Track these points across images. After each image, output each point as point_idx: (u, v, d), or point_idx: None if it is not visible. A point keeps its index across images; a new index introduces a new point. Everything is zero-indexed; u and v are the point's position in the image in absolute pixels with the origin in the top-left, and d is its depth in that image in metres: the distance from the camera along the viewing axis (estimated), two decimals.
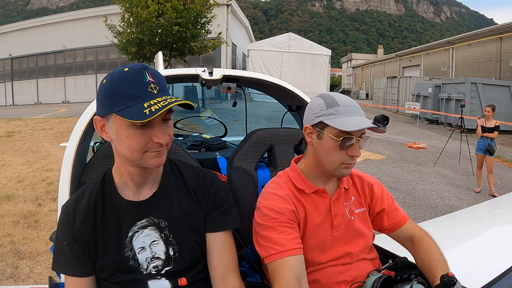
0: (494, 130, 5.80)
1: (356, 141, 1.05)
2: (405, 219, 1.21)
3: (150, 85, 0.87)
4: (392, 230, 1.20)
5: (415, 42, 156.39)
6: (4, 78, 26.42)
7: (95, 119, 0.92)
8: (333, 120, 1.05)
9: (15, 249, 3.20)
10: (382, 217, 1.19)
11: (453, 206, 5.05)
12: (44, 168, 5.92)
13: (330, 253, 1.10)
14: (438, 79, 17.38)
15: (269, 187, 1.14)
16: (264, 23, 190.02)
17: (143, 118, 0.82)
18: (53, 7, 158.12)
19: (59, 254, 0.95)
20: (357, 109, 1.07)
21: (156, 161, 0.91)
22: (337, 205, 1.13)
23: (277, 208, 1.06)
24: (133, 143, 0.87)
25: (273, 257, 1.00)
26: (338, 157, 1.06)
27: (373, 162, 7.48)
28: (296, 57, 17.05)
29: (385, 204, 1.20)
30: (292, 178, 1.15)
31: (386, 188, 1.26)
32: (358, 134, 1.05)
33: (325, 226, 1.11)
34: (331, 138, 1.05)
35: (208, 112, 4.02)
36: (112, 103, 0.86)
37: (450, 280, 0.90)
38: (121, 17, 12.35)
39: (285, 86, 1.68)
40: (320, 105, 1.09)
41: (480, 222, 1.89)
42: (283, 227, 1.04)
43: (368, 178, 1.24)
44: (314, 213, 1.11)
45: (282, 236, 1.02)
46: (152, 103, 0.84)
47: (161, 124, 0.89)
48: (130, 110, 0.84)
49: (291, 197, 1.10)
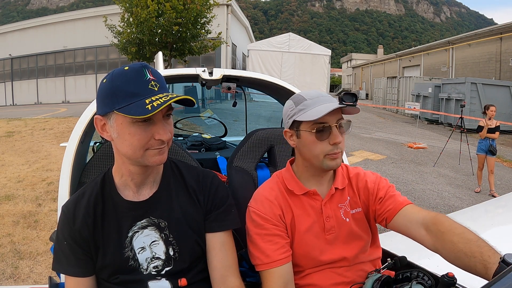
0: (495, 130, 5.80)
1: (334, 128, 1.04)
2: (403, 203, 1.04)
3: (150, 82, 0.88)
4: (389, 219, 1.04)
5: (415, 42, 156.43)
6: (4, 78, 26.42)
7: (95, 119, 0.92)
8: (303, 115, 1.05)
9: (15, 249, 3.20)
10: (380, 208, 1.09)
11: (453, 206, 5.05)
12: (44, 168, 5.92)
13: (325, 256, 1.08)
14: (438, 79, 17.37)
15: (261, 188, 1.16)
16: (264, 23, 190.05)
17: (145, 113, 0.82)
18: (53, 7, 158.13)
19: (59, 254, 0.95)
20: (323, 98, 1.06)
21: (158, 158, 0.91)
22: (329, 207, 1.10)
23: (263, 214, 1.07)
24: (134, 140, 0.87)
25: (260, 267, 1.04)
26: (320, 148, 1.04)
27: (373, 162, 7.49)
28: (296, 57, 17.04)
29: (381, 194, 1.10)
30: (285, 179, 1.14)
31: (385, 179, 1.16)
32: (334, 120, 1.04)
33: (317, 230, 1.09)
34: (307, 132, 1.05)
35: (208, 112, 4.02)
36: (113, 101, 0.86)
37: (450, 280, 0.90)
38: (121, 17, 12.35)
39: (285, 86, 1.68)
40: (290, 106, 1.10)
41: (480, 222, 1.89)
42: (270, 235, 1.05)
43: (364, 175, 1.16)
44: (302, 216, 1.09)
45: (268, 246, 1.04)
46: (154, 99, 0.85)
47: (162, 121, 0.90)
48: (132, 106, 0.84)
49: (279, 199, 1.10)
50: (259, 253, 1.05)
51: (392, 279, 1.03)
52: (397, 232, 1.05)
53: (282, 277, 1.02)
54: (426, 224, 0.95)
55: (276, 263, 1.02)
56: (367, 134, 11.25)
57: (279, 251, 1.04)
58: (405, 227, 1.01)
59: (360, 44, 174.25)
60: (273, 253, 1.03)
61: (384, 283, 1.01)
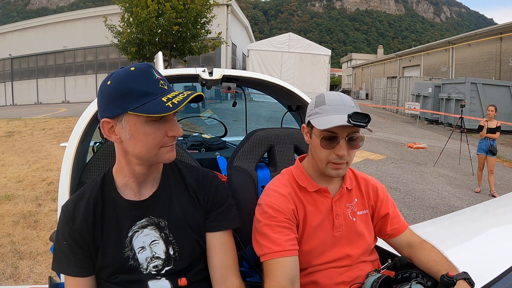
0: (496, 130, 5.80)
1: (342, 140, 1.03)
2: (406, 226, 1.21)
3: (159, 82, 0.89)
4: (392, 236, 1.19)
5: (415, 42, 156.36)
6: (4, 78, 26.42)
7: (102, 122, 0.91)
8: (316, 119, 1.06)
9: (15, 249, 3.20)
10: (386, 222, 1.19)
11: (453, 206, 5.05)
12: (44, 168, 5.92)
13: (330, 254, 1.09)
14: (438, 79, 17.38)
15: (272, 184, 1.15)
16: (264, 23, 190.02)
17: (167, 110, 0.84)
18: (53, 7, 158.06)
19: (59, 254, 0.95)
20: (344, 107, 1.04)
21: (170, 155, 0.94)
22: (339, 205, 1.13)
23: (277, 207, 1.06)
24: (150, 139, 0.89)
25: (268, 256, 1.01)
26: (324, 155, 1.06)
27: (373, 162, 7.48)
28: (296, 57, 17.05)
29: (389, 209, 1.20)
30: (296, 176, 1.16)
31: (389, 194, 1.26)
32: (344, 133, 1.03)
33: (326, 226, 1.10)
34: (316, 136, 1.07)
35: (208, 112, 4.02)
36: (126, 102, 0.86)
37: (450, 280, 0.90)
38: (121, 17, 12.35)
39: (285, 86, 1.68)
40: (311, 105, 1.12)
41: (480, 222, 1.89)
42: (281, 227, 1.04)
43: (373, 181, 1.23)
44: (314, 213, 1.11)
45: (278, 236, 1.03)
46: (170, 97, 0.87)
47: (173, 118, 0.92)
48: (149, 105, 0.85)
49: (292, 195, 1.11)
50: (269, 242, 1.02)
51: (392, 279, 1.04)
52: (389, 244, 1.23)
53: (290, 268, 0.99)
54: (412, 245, 1.16)
55: (286, 252, 1.01)
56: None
57: (289, 242, 1.03)
58: (399, 245, 1.19)
59: (360, 44, 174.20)
60: (284, 242, 1.02)
61: (384, 283, 1.01)
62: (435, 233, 1.75)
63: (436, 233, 1.77)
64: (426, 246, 1.11)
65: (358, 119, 0.99)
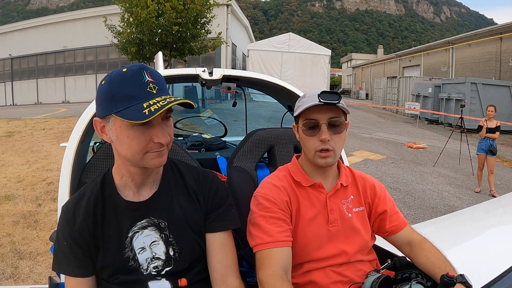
0: (495, 130, 5.80)
1: (323, 125, 1.07)
2: (405, 223, 1.21)
3: (149, 85, 0.87)
4: (391, 233, 1.19)
5: (415, 42, 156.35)
6: (4, 78, 26.42)
7: (95, 121, 0.92)
8: (297, 111, 1.13)
9: (15, 249, 3.20)
10: (384, 219, 1.19)
11: (453, 206, 5.05)
12: (44, 168, 5.92)
13: (326, 249, 1.09)
14: (438, 79, 17.37)
15: (268, 178, 1.19)
16: (264, 23, 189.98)
17: (143, 118, 0.82)
18: (53, 7, 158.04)
19: (59, 254, 0.95)
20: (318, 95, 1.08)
21: (157, 161, 0.91)
22: (333, 201, 1.14)
23: (271, 198, 1.09)
24: (133, 143, 0.87)
25: (261, 247, 1.03)
26: (310, 144, 1.10)
27: (373, 162, 7.48)
28: (296, 57, 17.07)
29: (387, 206, 1.20)
30: (291, 171, 1.18)
31: (388, 193, 1.27)
32: (324, 118, 1.07)
33: (321, 220, 1.11)
34: (301, 127, 1.12)
35: (208, 112, 4.02)
36: (112, 104, 0.86)
37: (450, 280, 0.90)
38: (121, 17, 12.35)
39: (285, 86, 1.68)
40: (297, 103, 1.17)
41: (480, 222, 1.89)
42: (275, 218, 1.06)
43: (371, 180, 1.25)
44: (308, 206, 1.12)
45: (272, 227, 1.04)
46: (151, 103, 0.84)
47: (161, 124, 0.89)
48: (129, 110, 0.84)
49: (286, 188, 1.13)
50: (261, 233, 1.04)
51: (392, 279, 1.04)
52: (388, 242, 1.22)
53: (282, 259, 1.01)
54: (412, 244, 1.15)
55: (279, 243, 1.02)
56: (367, 134, 11.25)
57: (283, 234, 1.04)
58: (399, 243, 1.19)
59: (360, 44, 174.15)
60: (277, 234, 1.04)
61: (384, 283, 1.01)
62: (435, 233, 1.75)
63: (436, 233, 1.77)
64: (425, 246, 1.11)
65: (329, 98, 1.04)
